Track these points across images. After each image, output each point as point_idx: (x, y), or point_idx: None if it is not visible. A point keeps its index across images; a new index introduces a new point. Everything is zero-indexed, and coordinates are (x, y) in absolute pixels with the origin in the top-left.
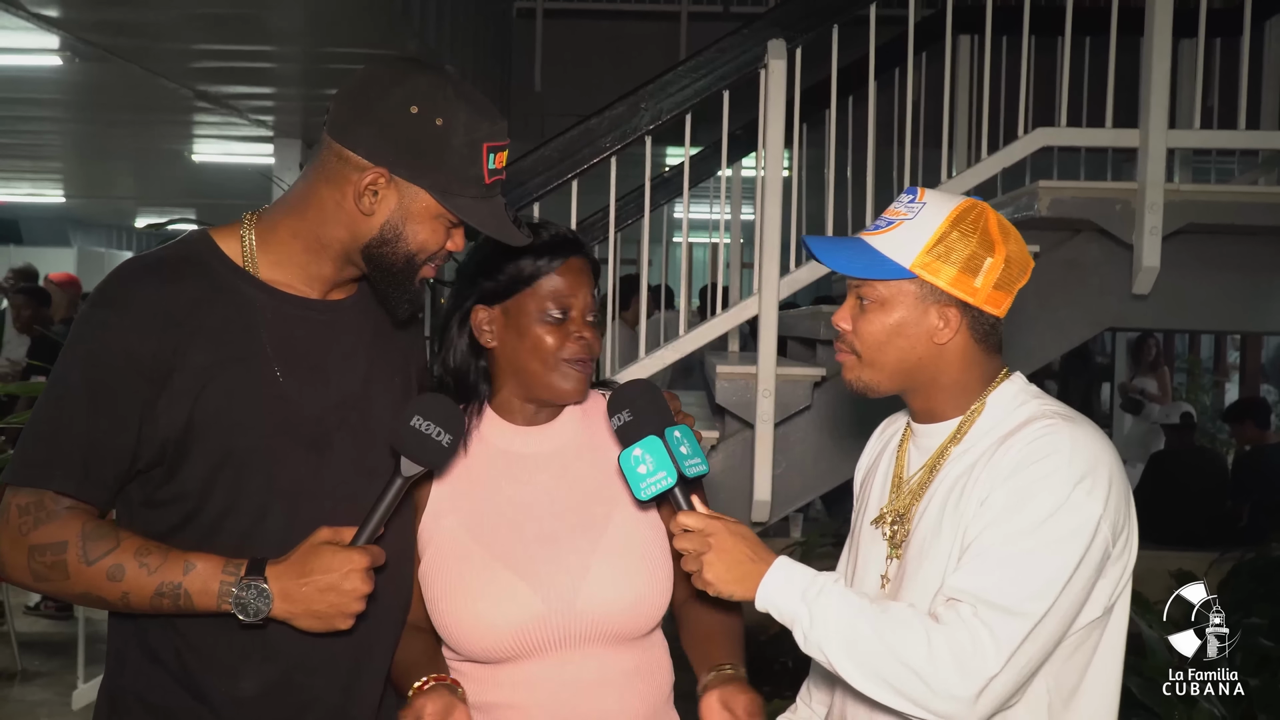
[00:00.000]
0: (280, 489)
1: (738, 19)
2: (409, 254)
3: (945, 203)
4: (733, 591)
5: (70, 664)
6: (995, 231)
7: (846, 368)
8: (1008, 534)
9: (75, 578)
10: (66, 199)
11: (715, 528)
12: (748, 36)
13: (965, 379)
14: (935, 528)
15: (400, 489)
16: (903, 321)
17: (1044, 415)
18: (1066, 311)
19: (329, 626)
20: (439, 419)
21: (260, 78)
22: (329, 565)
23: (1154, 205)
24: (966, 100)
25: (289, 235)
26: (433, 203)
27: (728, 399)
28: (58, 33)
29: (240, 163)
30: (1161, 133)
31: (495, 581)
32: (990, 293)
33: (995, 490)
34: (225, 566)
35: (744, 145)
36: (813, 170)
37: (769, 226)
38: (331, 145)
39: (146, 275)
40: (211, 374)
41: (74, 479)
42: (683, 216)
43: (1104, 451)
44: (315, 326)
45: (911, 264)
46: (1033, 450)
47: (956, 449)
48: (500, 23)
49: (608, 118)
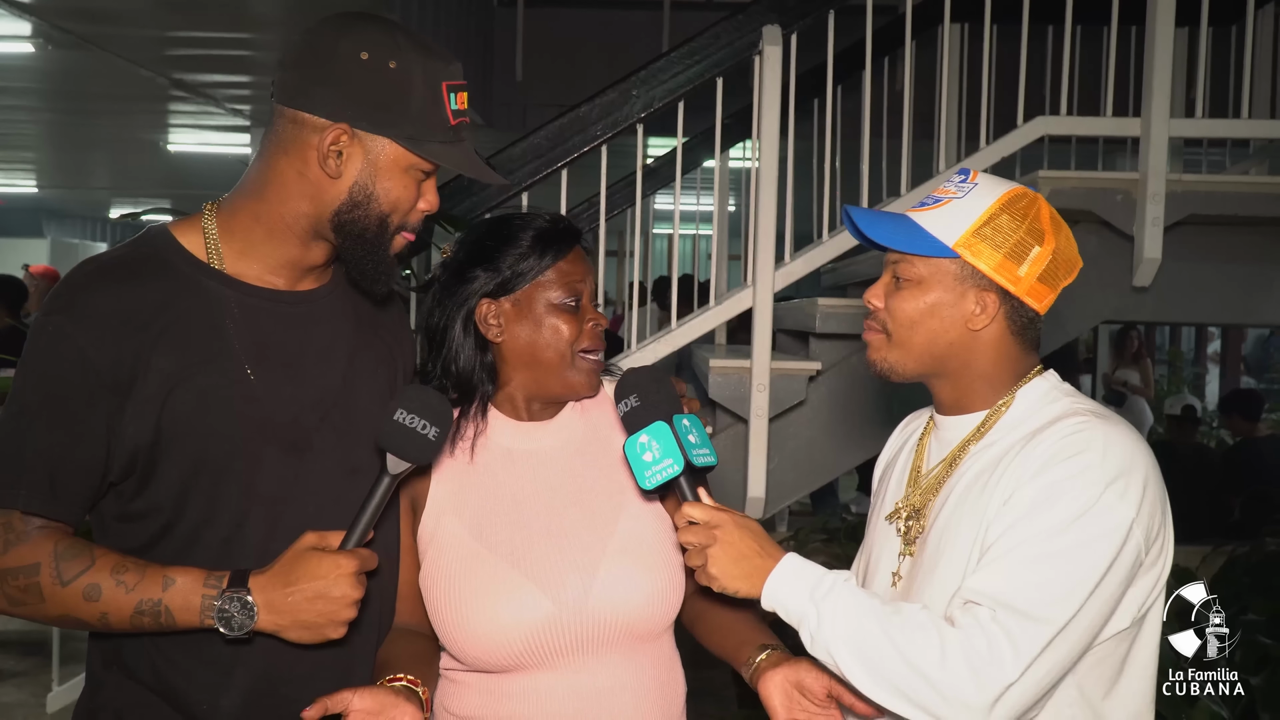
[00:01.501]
0: (259, 495)
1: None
2: (382, 215)
3: (998, 185)
4: (738, 588)
5: (45, 664)
6: (1047, 222)
7: (873, 347)
8: (1032, 534)
9: (50, 600)
10: (39, 189)
11: (722, 520)
12: (742, 22)
13: (996, 371)
14: (952, 525)
15: (388, 488)
16: (938, 302)
17: (1076, 413)
18: (1065, 303)
19: (320, 637)
20: (424, 411)
21: (237, 65)
22: (316, 571)
23: (1156, 196)
24: (958, 90)
25: (250, 220)
26: (400, 153)
27: (721, 393)
28: (30, 19)
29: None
30: (1164, 121)
31: (502, 582)
32: (1033, 284)
33: (1021, 488)
34: (206, 580)
35: (732, 135)
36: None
37: (764, 217)
38: (284, 113)
39: (102, 278)
40: (178, 378)
41: (40, 497)
42: (673, 208)
43: (1139, 453)
44: (287, 320)
45: (955, 242)
46: (1063, 447)
47: (978, 444)
48: (482, 11)
49: (598, 105)
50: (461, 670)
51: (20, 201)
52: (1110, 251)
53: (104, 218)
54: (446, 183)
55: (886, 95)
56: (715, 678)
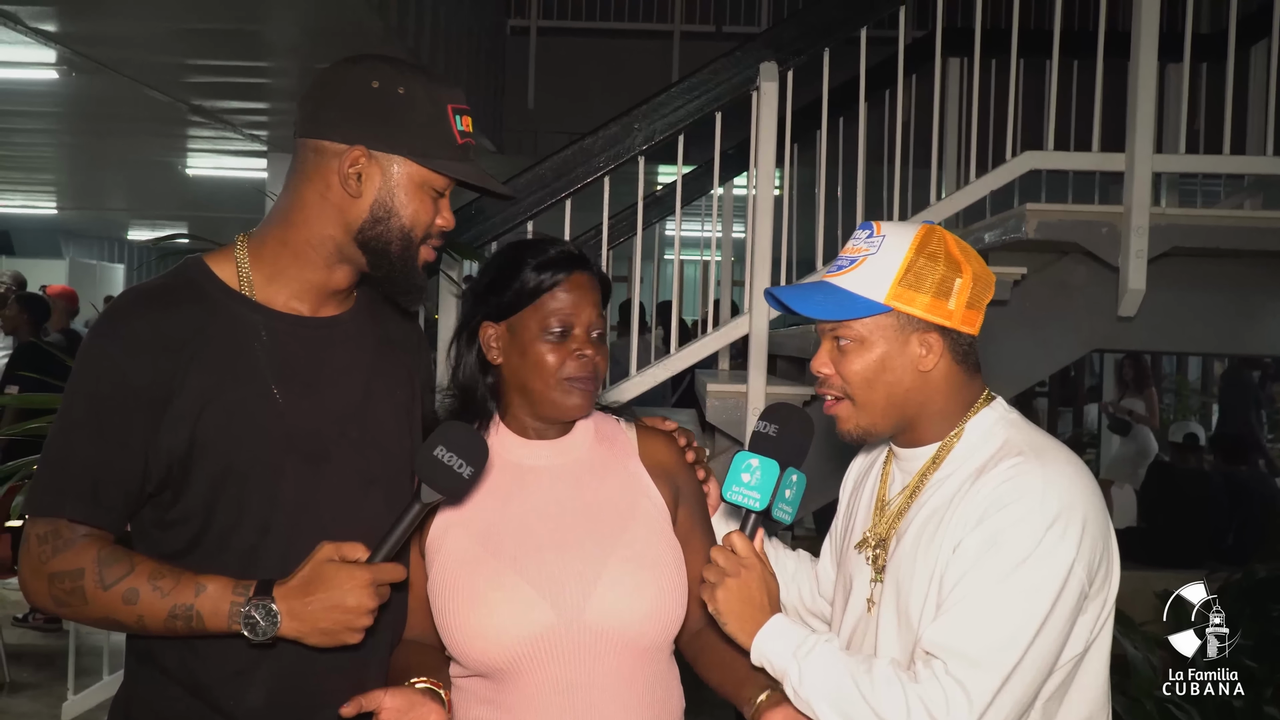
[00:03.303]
0: (282, 502)
1: (730, 38)
2: (404, 230)
3: (904, 232)
4: (732, 631)
5: (60, 675)
6: (957, 252)
7: (841, 418)
8: (978, 584)
9: (93, 603)
10: (59, 210)
11: (753, 564)
12: (740, 59)
13: (950, 405)
14: (911, 559)
15: (418, 514)
16: (886, 355)
17: (1014, 451)
18: (1053, 333)
19: (337, 642)
20: (462, 450)
21: (254, 92)
22: (333, 582)
23: (1139, 228)
24: (956, 122)
25: (278, 245)
26: (415, 169)
27: (718, 417)
28: (55, 47)
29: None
30: (1147, 157)
31: (503, 588)
32: (964, 312)
33: (968, 536)
34: (235, 588)
35: (735, 164)
36: (803, 189)
37: (760, 246)
38: (305, 144)
39: (141, 304)
40: (210, 395)
41: (85, 505)
42: (674, 234)
43: (1077, 488)
44: (310, 343)
45: (885, 297)
46: (1001, 494)
47: (935, 475)
48: (494, 40)
49: (602, 137)
50: (464, 675)
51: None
52: (1097, 282)
53: (122, 239)
54: (455, 210)
55: (886, 126)
56: (712, 697)
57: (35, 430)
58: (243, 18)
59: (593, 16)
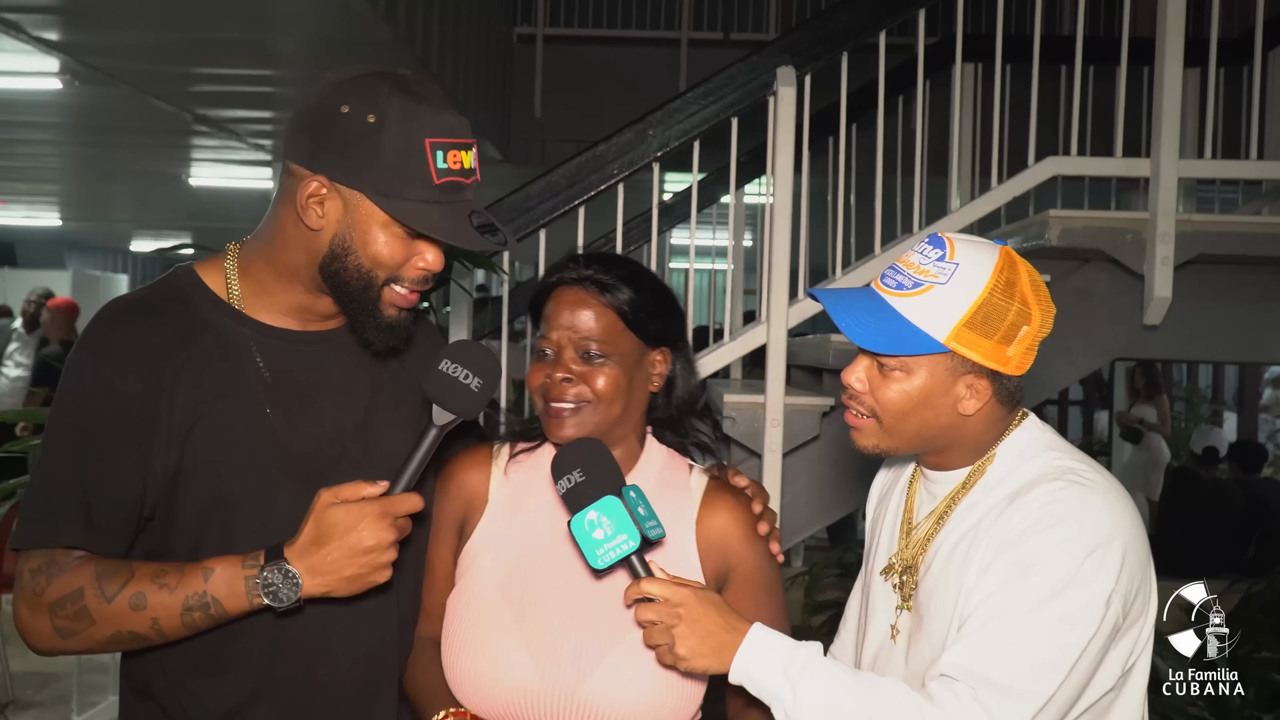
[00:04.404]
0: (274, 528)
1: (738, 45)
2: (363, 269)
3: (981, 264)
4: (706, 665)
5: (65, 695)
6: (1029, 292)
7: (862, 434)
8: (1010, 607)
9: (100, 620)
10: (63, 222)
11: (684, 596)
12: (757, 64)
13: (983, 438)
14: (939, 586)
15: (435, 439)
16: (928, 391)
17: (1055, 475)
18: (1076, 341)
19: (366, 585)
20: (468, 363)
21: (259, 101)
22: (346, 526)
23: (1165, 235)
24: (971, 128)
25: (263, 264)
26: (375, 208)
27: (735, 429)
28: (58, 56)
29: (238, 187)
30: (1173, 162)
31: (499, 638)
32: (1021, 358)
33: (999, 557)
34: (244, 562)
35: (748, 171)
36: (817, 197)
37: (778, 254)
38: (285, 164)
39: (126, 316)
40: (199, 413)
41: (79, 530)
42: (689, 243)
43: (1119, 515)
44: (303, 358)
45: (947, 338)
46: (1041, 518)
47: (965, 500)
48: (501, 48)
49: (615, 144)
50: None
51: (43, 234)
52: (1121, 290)
53: (125, 250)
54: None
55: (901, 133)
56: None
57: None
58: (249, 26)
59: (600, 24)
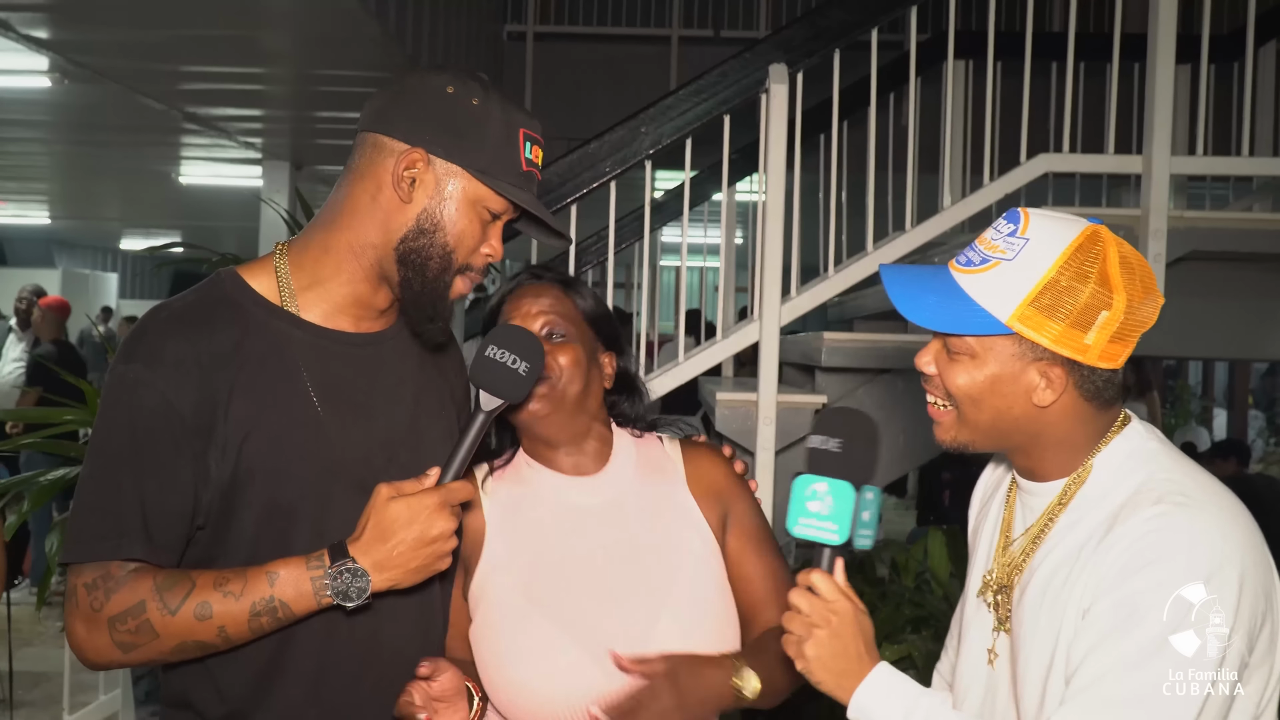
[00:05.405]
0: (329, 536)
1: (729, 43)
2: (446, 248)
3: (1055, 239)
4: (826, 684)
5: (56, 694)
6: (1115, 273)
7: (942, 427)
8: (1115, 665)
9: (164, 633)
10: (52, 220)
11: (843, 607)
12: (749, 61)
13: (1071, 439)
14: (1036, 616)
15: (483, 425)
16: (997, 378)
17: (1155, 497)
18: None
19: (430, 574)
20: (515, 348)
21: (250, 99)
22: (408, 518)
23: (1158, 232)
24: (963, 125)
25: (320, 251)
26: (471, 186)
27: (727, 426)
28: (48, 54)
29: (228, 185)
30: (1165, 159)
31: (551, 647)
32: (1105, 348)
33: (1100, 600)
34: (309, 563)
35: (740, 169)
36: (809, 194)
37: (770, 252)
38: (365, 139)
39: (176, 324)
40: (255, 422)
41: (139, 544)
42: (681, 241)
43: (1232, 539)
44: (357, 362)
45: (1009, 318)
46: (1140, 550)
47: (1063, 519)
48: (491, 45)
49: (607, 142)
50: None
51: (32, 232)
52: None
53: (115, 249)
54: None
55: (893, 130)
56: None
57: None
58: (238, 24)
59: (590, 22)
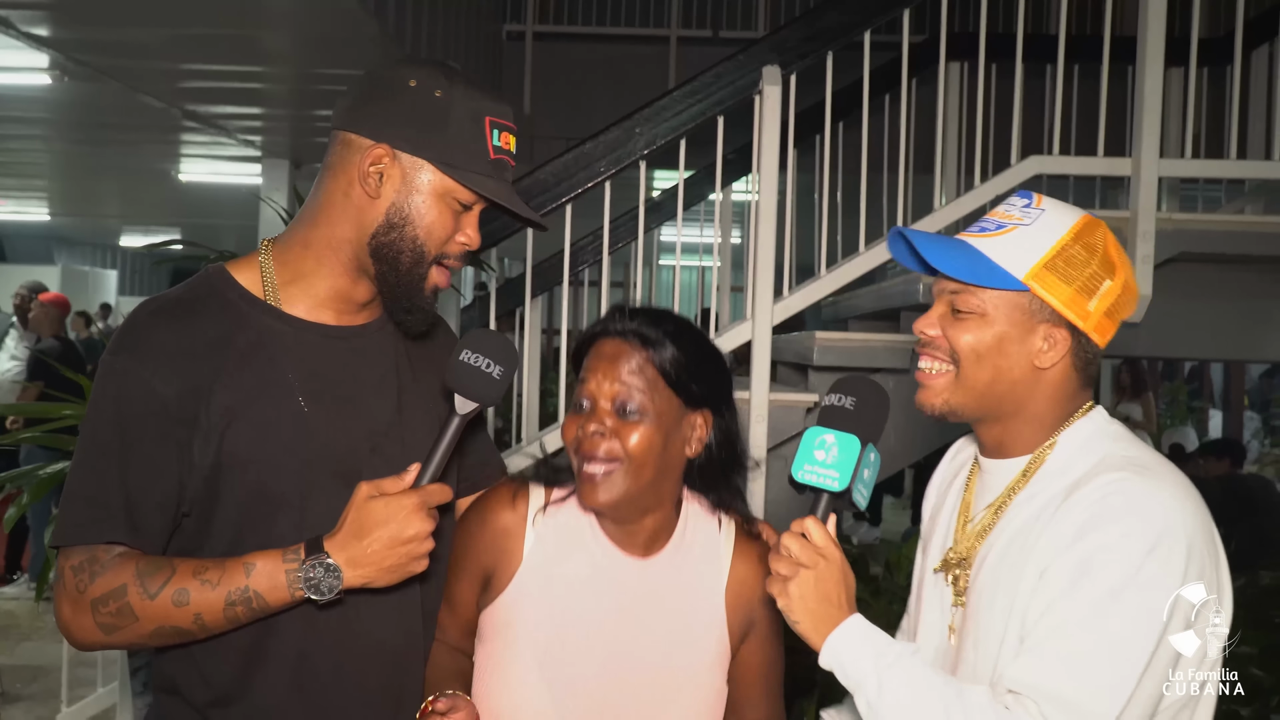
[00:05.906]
0: (311, 525)
1: (727, 43)
2: (416, 242)
3: (1068, 213)
4: (800, 621)
5: (54, 687)
6: (1115, 254)
7: (933, 390)
8: (1071, 616)
9: (143, 616)
10: (51, 217)
11: (832, 554)
12: (743, 62)
13: (1049, 412)
14: (993, 584)
15: (458, 428)
16: (1004, 337)
17: (1114, 466)
18: None
19: (404, 575)
20: (489, 351)
21: (249, 98)
22: (383, 517)
23: (1146, 233)
24: (956, 127)
25: (300, 248)
26: (437, 178)
27: None
28: (48, 52)
29: (227, 183)
30: (1153, 161)
31: (541, 716)
32: (1100, 319)
33: (1056, 560)
34: (285, 555)
35: (735, 169)
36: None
37: (763, 251)
38: (336, 136)
39: (162, 316)
40: (236, 412)
41: (122, 529)
42: (675, 240)
43: (1183, 508)
44: (340, 354)
45: (1026, 275)
46: (1098, 512)
47: (1023, 491)
48: (490, 45)
49: (603, 142)
50: None
51: (32, 229)
52: None
53: (115, 245)
54: None
55: (886, 131)
56: None
57: (31, 439)
58: (237, 23)
59: (589, 21)
